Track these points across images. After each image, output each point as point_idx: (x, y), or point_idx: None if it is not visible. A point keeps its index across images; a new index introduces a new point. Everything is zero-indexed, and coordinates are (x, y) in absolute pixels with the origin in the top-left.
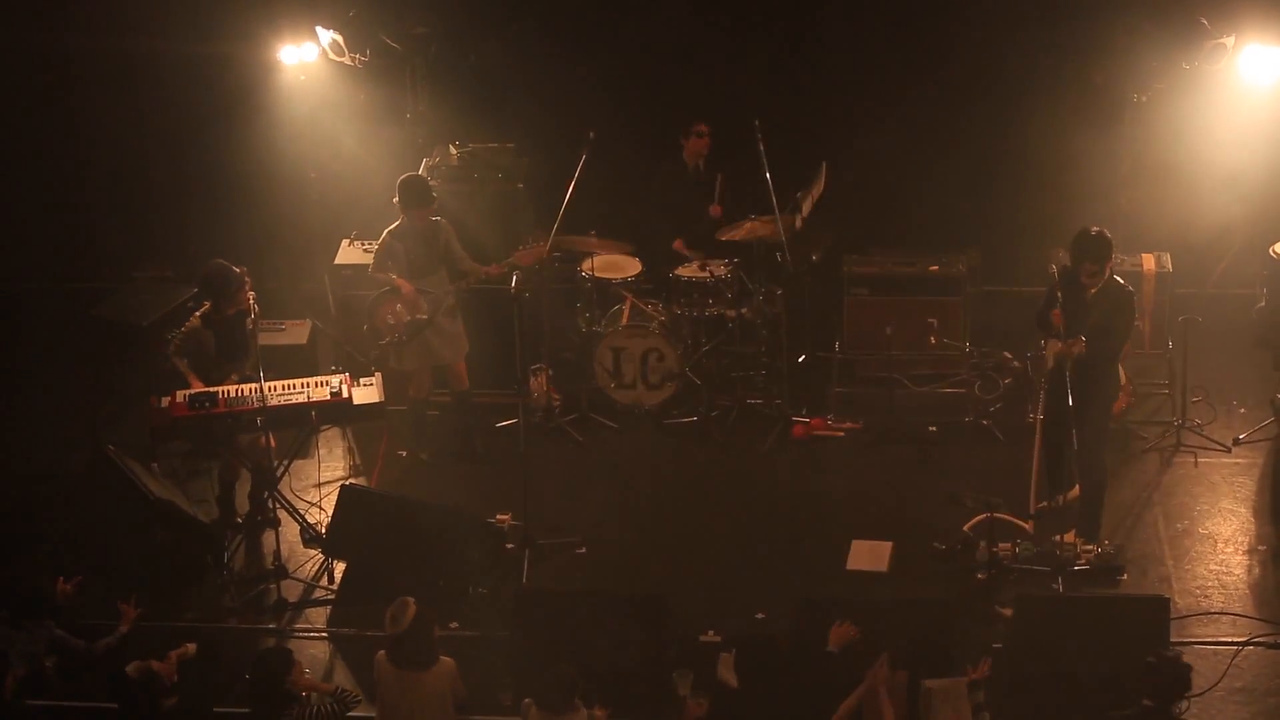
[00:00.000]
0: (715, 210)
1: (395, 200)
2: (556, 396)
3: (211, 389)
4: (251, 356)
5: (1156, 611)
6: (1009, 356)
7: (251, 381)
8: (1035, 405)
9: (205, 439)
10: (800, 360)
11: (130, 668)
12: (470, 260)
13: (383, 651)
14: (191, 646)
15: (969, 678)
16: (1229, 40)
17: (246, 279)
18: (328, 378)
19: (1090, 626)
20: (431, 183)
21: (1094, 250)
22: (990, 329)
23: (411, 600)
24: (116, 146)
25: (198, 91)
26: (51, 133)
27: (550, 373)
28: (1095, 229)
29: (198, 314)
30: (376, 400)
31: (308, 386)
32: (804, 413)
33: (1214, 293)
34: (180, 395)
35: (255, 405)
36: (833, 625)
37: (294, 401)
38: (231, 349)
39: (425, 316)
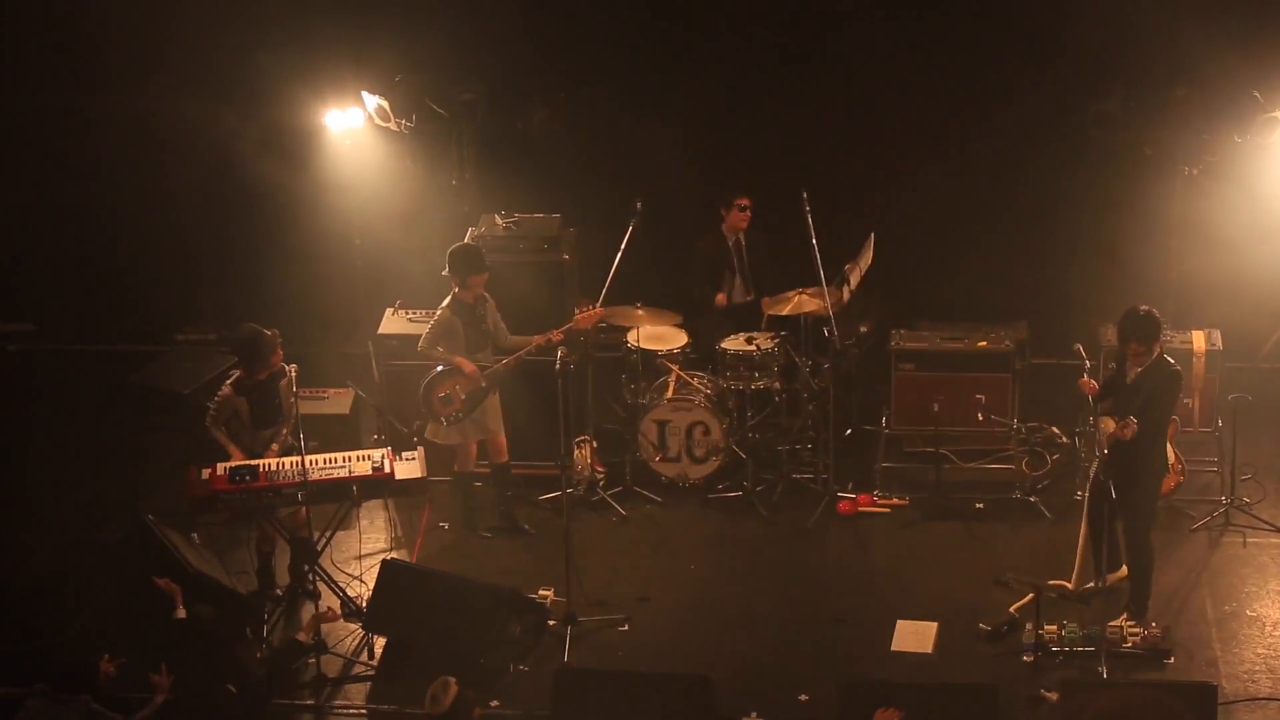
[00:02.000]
0: (720, 299)
1: (445, 272)
2: (601, 469)
3: (252, 462)
4: (290, 420)
5: (1205, 698)
6: (1057, 432)
7: (292, 448)
8: (1083, 483)
9: (245, 513)
10: (847, 434)
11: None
12: (511, 335)
13: None
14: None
15: None
16: None
17: (278, 341)
18: (369, 451)
19: (1138, 714)
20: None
21: (1141, 330)
22: (1038, 403)
23: (453, 680)
24: (163, 209)
25: (245, 155)
26: (98, 194)
27: (594, 445)
28: (1144, 308)
29: (229, 382)
30: (418, 475)
31: (349, 460)
32: (850, 488)
33: (1265, 368)
34: (221, 468)
35: (296, 479)
36: (877, 710)
37: (335, 476)
38: (267, 415)
39: (485, 385)
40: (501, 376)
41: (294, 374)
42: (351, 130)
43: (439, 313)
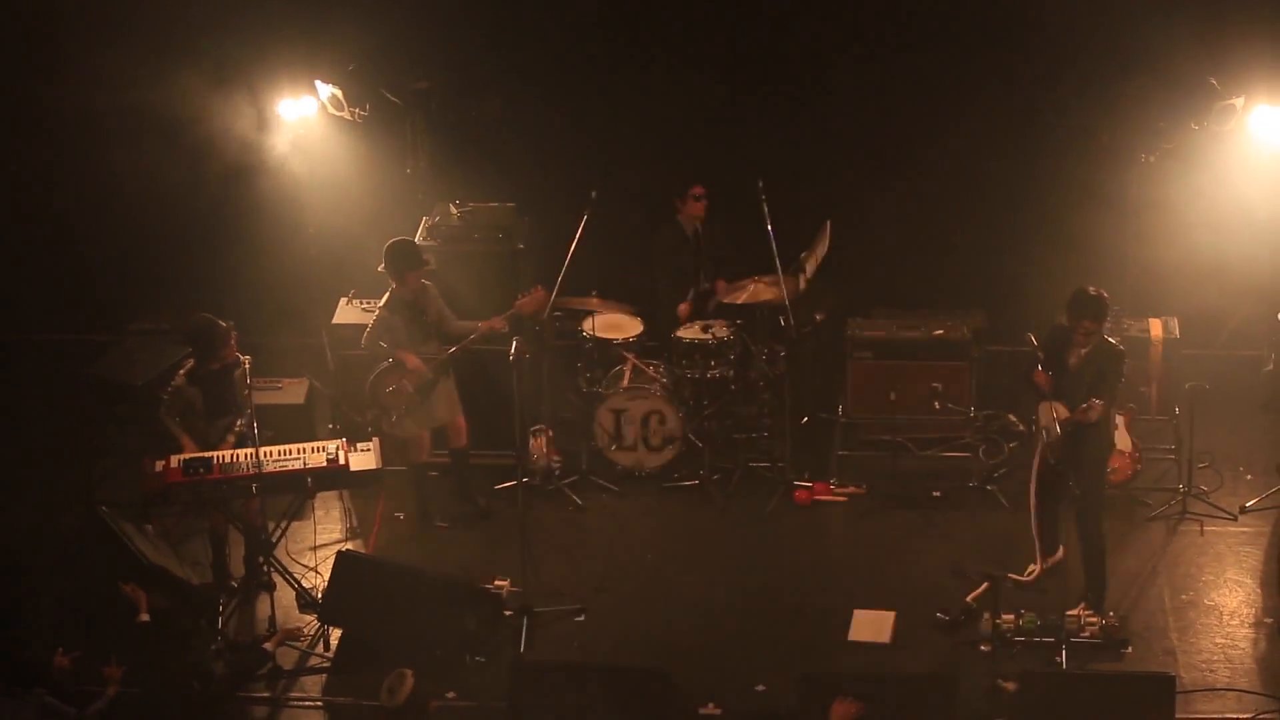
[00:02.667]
0: (683, 309)
1: (381, 268)
2: (557, 458)
3: (206, 454)
4: (244, 411)
5: (1162, 689)
6: (1014, 420)
7: (246, 439)
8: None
9: (199, 505)
10: (803, 422)
11: None
12: (457, 321)
13: None
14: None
15: None
16: (1238, 101)
17: (232, 333)
18: (324, 443)
19: (1096, 704)
20: (428, 243)
21: (1095, 308)
22: (995, 391)
23: (409, 673)
24: (115, 198)
25: (197, 144)
26: (49, 185)
27: (550, 434)
28: (1094, 289)
29: (183, 372)
30: (373, 467)
31: (304, 452)
32: (806, 477)
33: (1222, 354)
34: (175, 460)
35: (250, 471)
36: (835, 701)
37: (289, 468)
38: (220, 405)
39: (432, 376)
40: (448, 365)
41: (248, 365)
42: (305, 119)
43: (377, 311)
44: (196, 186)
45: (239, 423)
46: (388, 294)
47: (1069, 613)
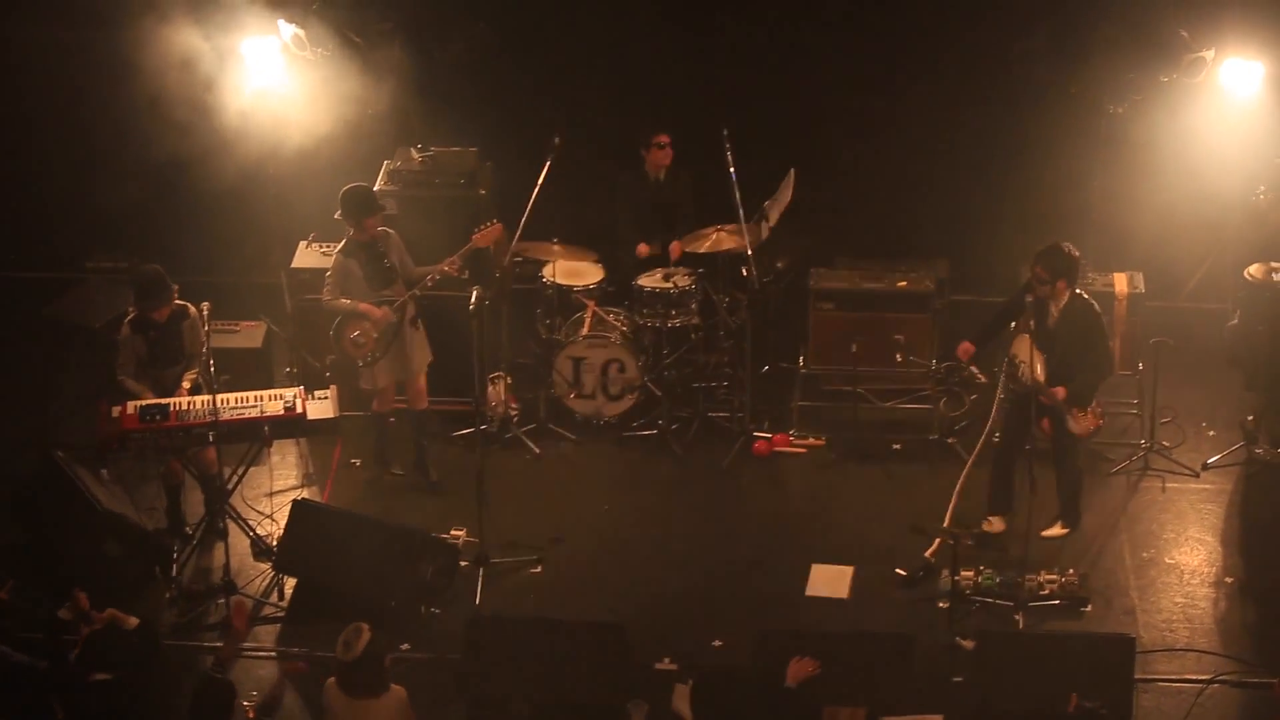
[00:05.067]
0: (643, 248)
1: (338, 215)
2: (515, 405)
3: (163, 401)
4: (199, 359)
5: (1122, 650)
6: (975, 372)
7: (200, 386)
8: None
9: (154, 452)
10: (764, 371)
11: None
12: (414, 266)
13: (333, 679)
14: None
15: None
16: (1209, 54)
17: (174, 293)
18: (281, 391)
19: (1054, 664)
20: (389, 188)
21: (1048, 262)
22: (957, 342)
23: (365, 626)
24: (73, 135)
25: (157, 81)
26: (5, 119)
27: (509, 381)
28: (1068, 245)
29: (127, 321)
30: (331, 415)
31: (261, 400)
32: (766, 427)
33: (1187, 307)
34: (131, 406)
35: (206, 419)
36: (791, 660)
37: (246, 416)
38: (166, 355)
39: (395, 319)
40: (407, 308)
41: (206, 312)
42: (266, 58)
43: (334, 258)
44: (156, 124)
45: (191, 372)
46: (344, 240)
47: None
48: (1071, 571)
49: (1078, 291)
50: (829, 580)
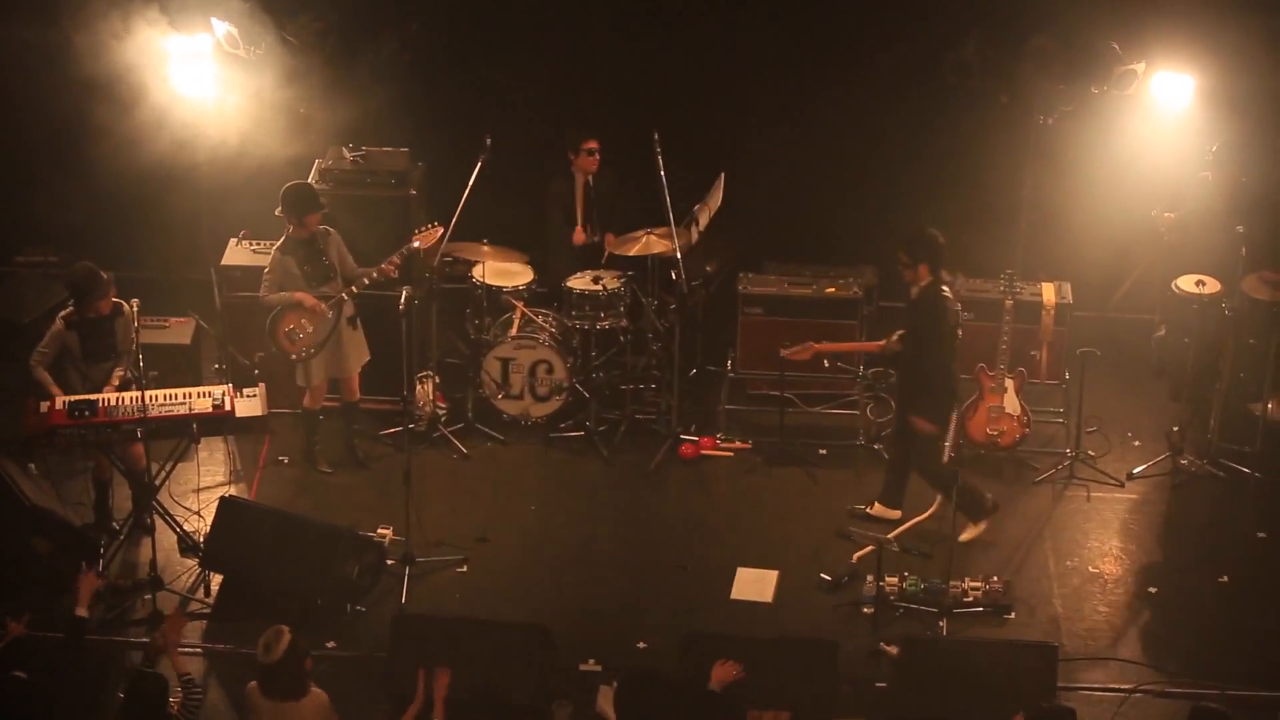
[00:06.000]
0: (579, 234)
1: (278, 212)
2: (442, 404)
3: (91, 397)
4: (128, 356)
5: (1045, 658)
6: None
7: (129, 382)
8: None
9: (82, 448)
10: (692, 374)
11: None
12: (354, 266)
13: (254, 682)
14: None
15: None
16: (1139, 66)
17: (111, 286)
18: (210, 389)
19: (978, 672)
20: (320, 186)
21: (911, 246)
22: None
23: (286, 629)
24: (3, 126)
25: (88, 75)
26: None
27: (437, 380)
28: (932, 232)
29: (61, 315)
30: (259, 414)
31: (189, 397)
32: (693, 430)
33: (1114, 317)
34: (59, 402)
35: (135, 416)
36: (715, 663)
37: (175, 413)
38: (100, 350)
39: (330, 315)
40: (344, 306)
41: (135, 309)
42: (199, 55)
43: (271, 255)
44: (86, 118)
45: (121, 369)
46: (283, 237)
47: (861, 508)
48: (996, 579)
49: (942, 287)
50: (754, 584)
